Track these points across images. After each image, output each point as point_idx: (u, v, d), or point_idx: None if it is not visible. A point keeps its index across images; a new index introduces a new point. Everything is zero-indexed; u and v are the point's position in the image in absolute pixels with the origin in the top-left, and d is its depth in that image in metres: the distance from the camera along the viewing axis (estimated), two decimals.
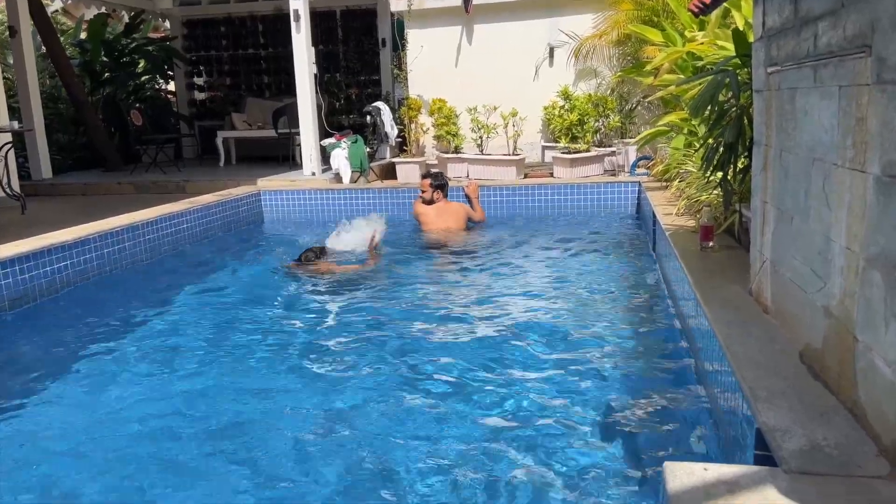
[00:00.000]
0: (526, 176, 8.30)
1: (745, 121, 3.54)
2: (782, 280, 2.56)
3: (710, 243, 3.87)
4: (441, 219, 6.68)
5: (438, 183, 6.78)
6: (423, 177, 7.03)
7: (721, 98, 3.63)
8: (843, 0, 1.93)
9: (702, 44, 5.31)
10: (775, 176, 2.66)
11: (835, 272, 2.03)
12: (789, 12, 2.39)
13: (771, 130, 2.71)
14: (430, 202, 6.79)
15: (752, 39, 3.70)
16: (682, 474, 1.63)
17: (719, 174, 3.90)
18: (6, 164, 7.47)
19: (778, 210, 2.62)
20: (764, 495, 1.54)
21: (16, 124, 8.02)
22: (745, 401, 2.06)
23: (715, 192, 4.37)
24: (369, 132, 9.84)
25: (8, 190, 7.41)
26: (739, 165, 3.70)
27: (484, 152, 8.64)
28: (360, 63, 12.22)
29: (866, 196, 1.78)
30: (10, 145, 7.55)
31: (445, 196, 6.83)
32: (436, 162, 8.78)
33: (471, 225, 6.89)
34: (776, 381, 2.14)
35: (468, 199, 7.20)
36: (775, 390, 2.08)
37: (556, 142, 8.54)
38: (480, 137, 8.65)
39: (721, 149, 3.65)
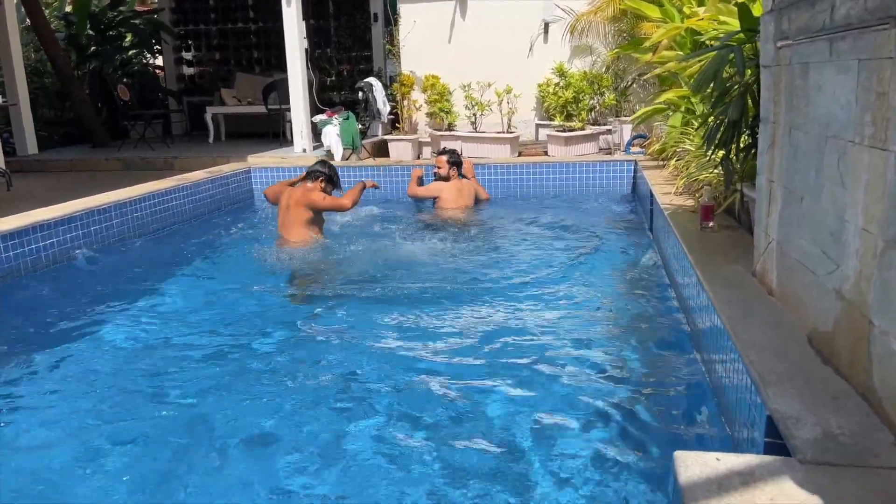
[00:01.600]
0: (520, 154, 8.20)
1: (749, 98, 3.45)
2: (789, 261, 2.49)
3: (711, 223, 3.80)
4: (461, 196, 6.57)
5: (455, 160, 6.64)
6: (439, 153, 6.80)
7: (724, 74, 3.54)
8: None
9: (702, 19, 5.20)
10: (783, 154, 2.58)
11: (849, 254, 1.96)
12: None
13: (779, 107, 2.63)
14: (446, 179, 6.60)
15: (757, 13, 3.61)
16: (694, 465, 1.57)
17: (720, 153, 3.83)
18: None
19: (786, 189, 2.55)
20: (780, 487, 1.48)
21: (0, 99, 7.84)
22: (754, 386, 2.00)
23: (715, 170, 4.30)
24: (361, 109, 9.68)
25: None
26: (742, 143, 3.62)
27: (478, 130, 8.52)
28: (352, 38, 12.01)
29: (886, 175, 1.71)
30: None
31: (460, 173, 6.71)
32: (429, 139, 8.66)
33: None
34: (784, 365, 2.09)
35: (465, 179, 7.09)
36: (784, 375, 2.02)
37: (551, 120, 8.44)
38: (474, 115, 8.53)
39: (723, 127, 3.57)
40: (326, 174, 5.37)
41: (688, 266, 3.28)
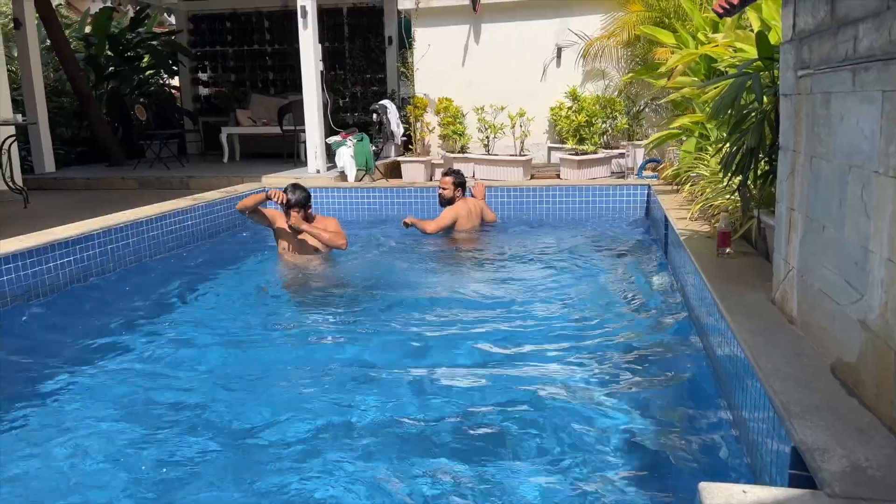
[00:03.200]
0: (532, 177, 8.23)
1: (767, 125, 3.46)
2: (811, 290, 2.48)
3: (728, 249, 3.79)
4: (471, 217, 6.44)
5: (459, 180, 6.44)
6: (444, 174, 6.54)
7: (742, 101, 3.55)
8: (888, 2, 1.85)
9: (716, 46, 5.23)
10: (804, 182, 2.58)
11: (873, 284, 1.95)
12: (824, 14, 2.31)
13: (800, 136, 2.63)
14: (450, 201, 6.36)
15: (774, 41, 3.63)
16: (720, 497, 1.55)
17: (737, 179, 3.83)
18: (9, 158, 7.40)
19: (807, 217, 2.54)
20: None
21: (19, 117, 7.96)
22: (778, 417, 1.98)
23: (731, 196, 4.30)
24: (375, 131, 9.76)
25: (11, 183, 7.33)
26: (759, 170, 3.62)
27: (490, 152, 8.57)
28: (366, 61, 12.16)
29: None
30: (13, 138, 7.47)
31: (464, 194, 6.53)
32: (441, 161, 8.70)
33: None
34: (809, 396, 2.07)
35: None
36: (809, 406, 2.00)
37: (563, 143, 8.48)
38: (487, 137, 8.59)
39: (741, 153, 3.58)
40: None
41: (706, 293, 3.26)
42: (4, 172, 7.24)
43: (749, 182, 3.68)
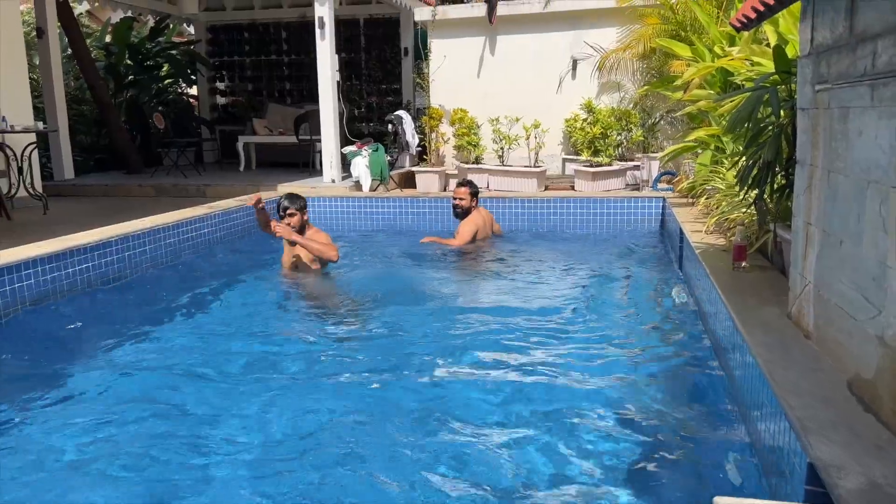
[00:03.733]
0: (547, 188, 8.24)
1: (784, 139, 3.45)
2: (827, 305, 2.46)
3: (743, 263, 3.77)
4: (486, 228, 6.43)
5: (475, 190, 6.40)
6: (459, 185, 6.46)
7: (759, 115, 3.55)
8: None
9: (732, 59, 5.22)
10: (821, 197, 2.57)
11: (892, 300, 1.94)
12: (843, 29, 2.31)
13: (817, 150, 2.62)
14: (467, 212, 6.31)
15: (791, 55, 3.63)
16: None
17: (753, 193, 3.81)
18: (30, 165, 7.50)
19: (824, 232, 2.53)
20: None
21: (40, 125, 8.07)
22: (794, 432, 1.97)
23: (747, 210, 4.28)
24: (389, 141, 9.81)
25: (31, 190, 7.43)
26: (776, 184, 3.60)
27: (505, 163, 8.59)
28: (382, 71, 12.24)
29: None
30: (34, 145, 7.58)
31: (477, 204, 6.52)
32: (455, 172, 8.73)
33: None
34: (825, 411, 2.05)
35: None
36: (825, 422, 1.99)
37: (578, 154, 8.48)
38: (502, 148, 8.61)
39: (757, 167, 3.56)
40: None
41: (721, 306, 3.25)
42: (25, 179, 7.34)
43: (765, 196, 3.67)
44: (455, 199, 6.34)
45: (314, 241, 5.19)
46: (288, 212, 5.16)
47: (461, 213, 6.32)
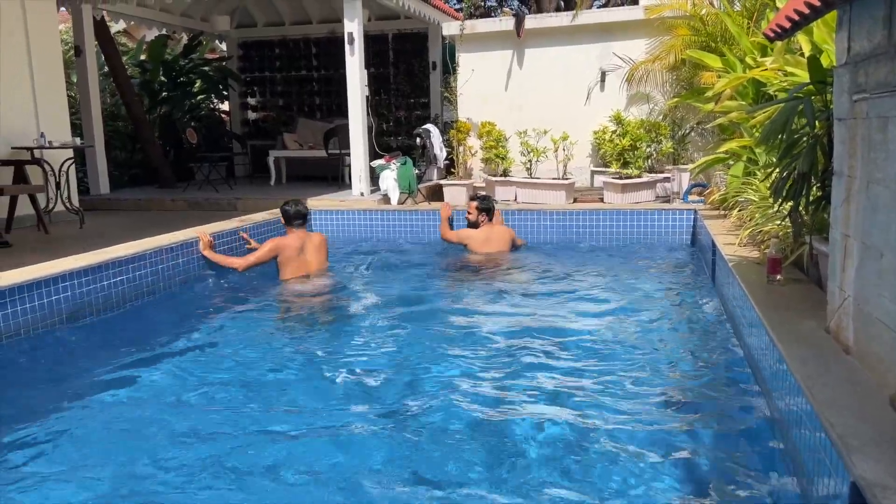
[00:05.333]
0: (575, 200, 8.20)
1: (819, 150, 3.39)
2: (868, 319, 2.40)
3: (778, 276, 3.70)
4: (488, 243, 6.56)
5: (484, 206, 6.66)
6: (471, 198, 6.95)
7: (794, 126, 3.49)
8: None
9: (765, 70, 5.15)
10: (860, 209, 2.51)
11: None
12: (881, 37, 2.26)
13: (855, 161, 2.57)
14: (474, 225, 6.67)
15: (826, 65, 3.57)
16: None
17: (788, 204, 3.75)
18: (67, 179, 7.68)
19: (863, 245, 2.47)
20: None
21: (78, 141, 8.26)
22: (836, 450, 1.91)
23: (781, 222, 4.20)
24: (417, 154, 9.86)
25: (68, 204, 7.60)
26: (811, 196, 3.54)
27: (533, 176, 8.57)
28: (410, 85, 12.32)
29: None
30: (71, 161, 7.76)
31: (491, 220, 6.71)
32: (483, 185, 8.73)
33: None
34: (867, 428, 2.00)
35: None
36: (868, 439, 1.93)
37: (607, 166, 8.43)
38: (530, 161, 8.59)
39: (792, 178, 3.50)
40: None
41: (756, 321, 3.19)
42: (62, 194, 7.51)
43: (800, 207, 3.60)
44: (467, 212, 6.80)
45: (222, 257, 5.77)
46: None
47: (470, 225, 6.75)
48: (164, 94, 12.08)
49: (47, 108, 7.85)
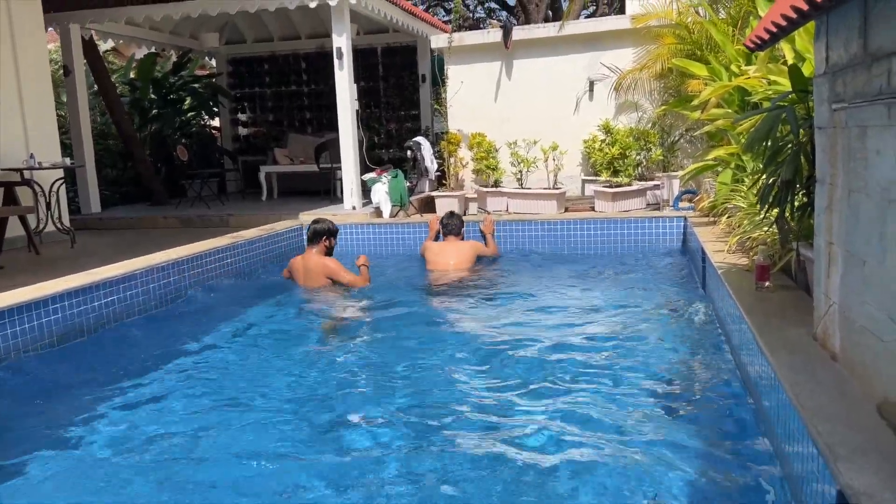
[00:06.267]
0: (566, 210, 8.23)
1: (803, 157, 3.42)
2: (853, 326, 2.42)
3: (766, 283, 3.72)
4: (442, 256, 6.54)
5: (444, 222, 6.82)
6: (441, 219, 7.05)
7: (777, 133, 3.52)
8: None
9: (749, 78, 5.20)
10: (842, 216, 2.54)
11: None
12: (857, 47, 2.29)
13: (836, 169, 2.60)
14: (435, 240, 6.92)
15: (808, 73, 3.61)
16: None
17: (775, 211, 3.78)
18: (58, 200, 7.67)
19: (846, 252, 2.49)
20: None
21: (68, 161, 8.26)
22: (823, 458, 1.93)
23: (769, 229, 4.23)
24: (409, 167, 9.89)
25: (58, 224, 7.59)
26: (797, 203, 3.57)
27: (524, 186, 8.60)
28: (400, 98, 12.37)
29: None
30: (61, 181, 7.75)
31: (458, 235, 6.74)
32: (475, 196, 8.76)
33: (487, 262, 6.72)
34: (854, 436, 2.01)
35: (482, 235, 7.11)
36: (855, 447, 1.94)
37: (597, 175, 8.47)
38: (520, 171, 8.63)
39: (777, 186, 3.53)
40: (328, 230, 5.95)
41: (745, 328, 3.21)
42: (53, 214, 7.50)
43: (786, 214, 3.63)
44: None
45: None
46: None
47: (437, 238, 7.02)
48: (154, 111, 12.09)
49: (37, 129, 7.85)
